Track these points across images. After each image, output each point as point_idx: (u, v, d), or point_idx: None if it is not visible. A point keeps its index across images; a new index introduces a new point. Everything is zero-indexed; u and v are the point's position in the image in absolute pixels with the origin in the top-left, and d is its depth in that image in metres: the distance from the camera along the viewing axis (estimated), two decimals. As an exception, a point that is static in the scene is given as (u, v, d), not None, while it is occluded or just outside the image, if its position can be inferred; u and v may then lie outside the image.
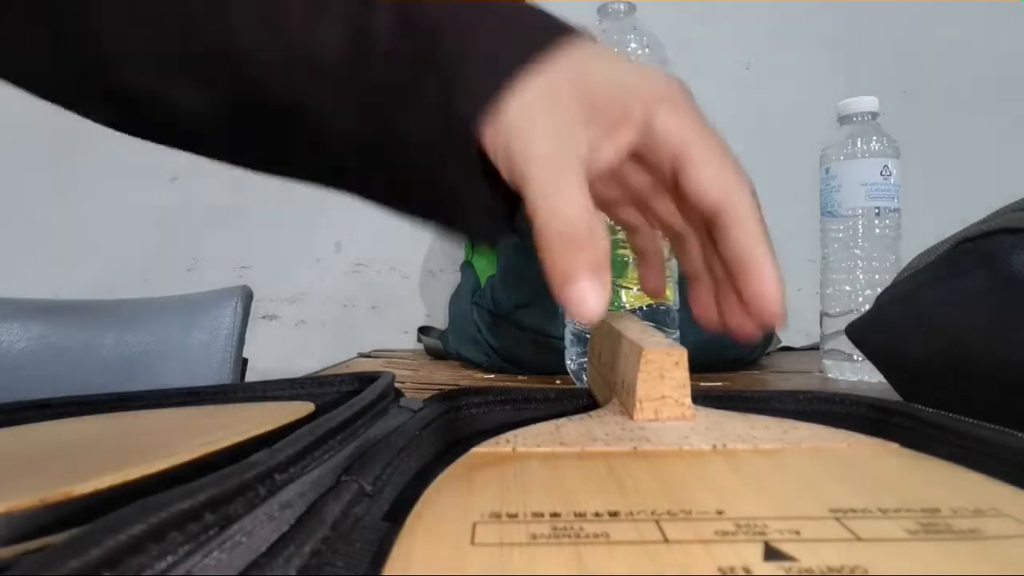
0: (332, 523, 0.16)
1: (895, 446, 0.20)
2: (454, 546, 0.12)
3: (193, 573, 0.13)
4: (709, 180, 0.25)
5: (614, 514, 0.13)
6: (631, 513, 0.13)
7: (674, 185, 0.26)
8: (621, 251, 0.49)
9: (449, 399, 0.30)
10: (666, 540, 0.12)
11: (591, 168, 0.25)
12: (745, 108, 1.06)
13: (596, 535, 0.12)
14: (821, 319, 0.62)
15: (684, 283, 0.58)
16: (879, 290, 0.42)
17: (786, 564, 0.10)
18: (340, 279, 1.09)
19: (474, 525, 0.13)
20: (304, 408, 0.29)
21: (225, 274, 1.09)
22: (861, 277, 0.58)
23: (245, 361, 0.74)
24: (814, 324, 0.64)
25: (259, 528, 0.15)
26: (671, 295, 0.50)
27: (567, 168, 0.24)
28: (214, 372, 0.70)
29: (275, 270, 1.10)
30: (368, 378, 0.34)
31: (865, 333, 0.41)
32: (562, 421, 0.22)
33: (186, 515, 0.13)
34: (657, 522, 0.13)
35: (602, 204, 0.31)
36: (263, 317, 1.10)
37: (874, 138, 0.58)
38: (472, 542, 0.12)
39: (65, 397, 0.36)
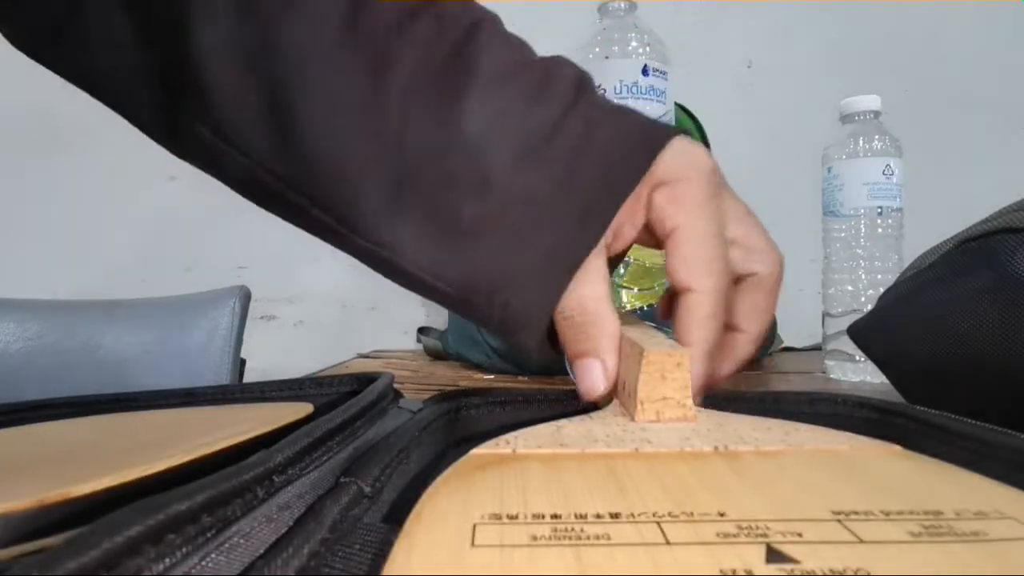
0: (331, 525, 0.16)
1: (898, 448, 0.19)
2: (454, 547, 0.12)
3: (191, 575, 0.12)
4: (680, 264, 0.27)
5: (615, 515, 0.13)
6: (632, 515, 0.13)
7: None
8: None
9: (449, 400, 0.29)
10: (668, 542, 0.12)
11: (614, 248, 0.28)
12: (747, 107, 1.06)
13: (597, 536, 0.12)
14: (823, 319, 0.62)
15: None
16: (881, 290, 0.42)
17: (788, 566, 0.10)
18: (339, 279, 1.09)
19: (474, 526, 0.13)
20: (303, 409, 0.28)
21: (223, 274, 1.09)
22: (863, 277, 0.58)
23: (243, 362, 0.74)
24: (816, 324, 0.63)
25: (257, 530, 0.15)
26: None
27: (585, 261, 0.26)
28: (212, 372, 0.70)
29: (273, 270, 1.10)
30: (367, 379, 0.34)
31: (867, 333, 0.41)
32: (563, 422, 0.22)
33: (184, 517, 0.13)
34: (658, 524, 0.13)
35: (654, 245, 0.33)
36: (261, 317, 1.10)
37: (876, 137, 0.57)
38: (472, 543, 0.12)
39: (63, 398, 0.36)
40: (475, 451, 0.19)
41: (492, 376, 0.66)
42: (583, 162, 0.26)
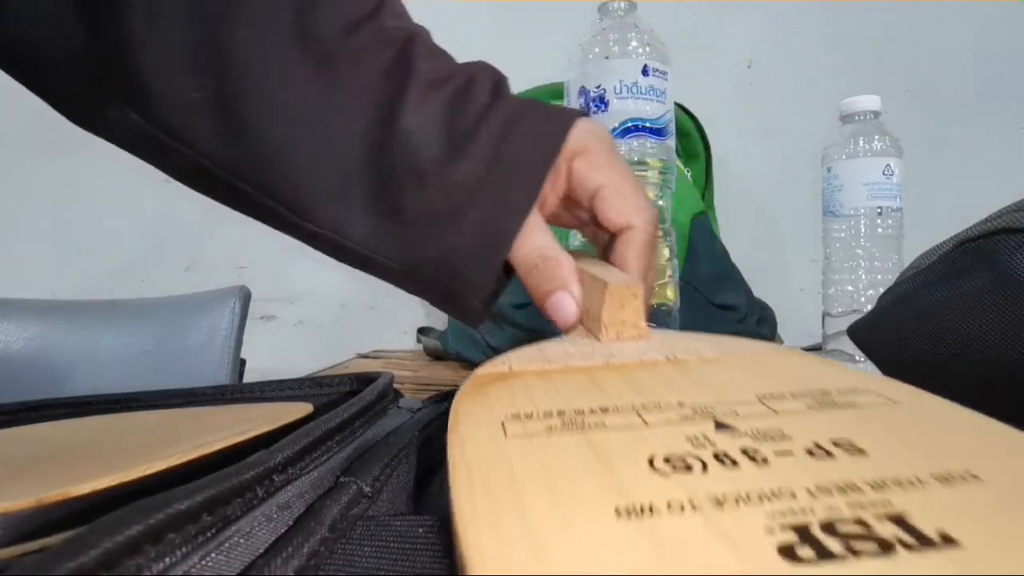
0: (330, 524, 0.16)
1: (799, 350, 0.25)
2: (493, 439, 0.16)
3: (191, 574, 0.12)
4: (614, 210, 0.32)
5: (604, 409, 0.17)
6: (616, 408, 0.17)
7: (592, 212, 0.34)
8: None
9: (448, 400, 0.29)
10: (646, 424, 0.16)
11: (543, 212, 0.33)
12: (747, 107, 1.06)
13: (595, 424, 0.16)
14: (823, 319, 0.62)
15: (685, 286, 0.58)
16: (881, 290, 0.42)
17: (730, 431, 0.15)
18: (338, 279, 1.09)
19: (502, 423, 0.17)
20: (302, 409, 0.28)
21: (223, 274, 1.09)
22: (863, 277, 0.58)
23: (243, 362, 0.74)
24: (816, 324, 0.63)
25: (257, 529, 0.15)
26: (672, 295, 0.50)
27: (531, 221, 0.31)
28: (212, 373, 0.70)
29: (273, 270, 1.10)
30: (367, 379, 0.34)
31: (867, 334, 0.41)
32: (543, 344, 0.27)
33: (184, 516, 0.13)
34: (637, 412, 0.17)
35: (571, 227, 0.38)
36: (261, 317, 1.10)
37: (876, 137, 0.57)
38: (505, 435, 0.16)
39: (63, 398, 0.36)
40: (478, 372, 0.22)
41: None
42: (505, 149, 0.31)
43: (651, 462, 0.14)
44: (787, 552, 0.10)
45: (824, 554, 0.10)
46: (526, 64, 0.86)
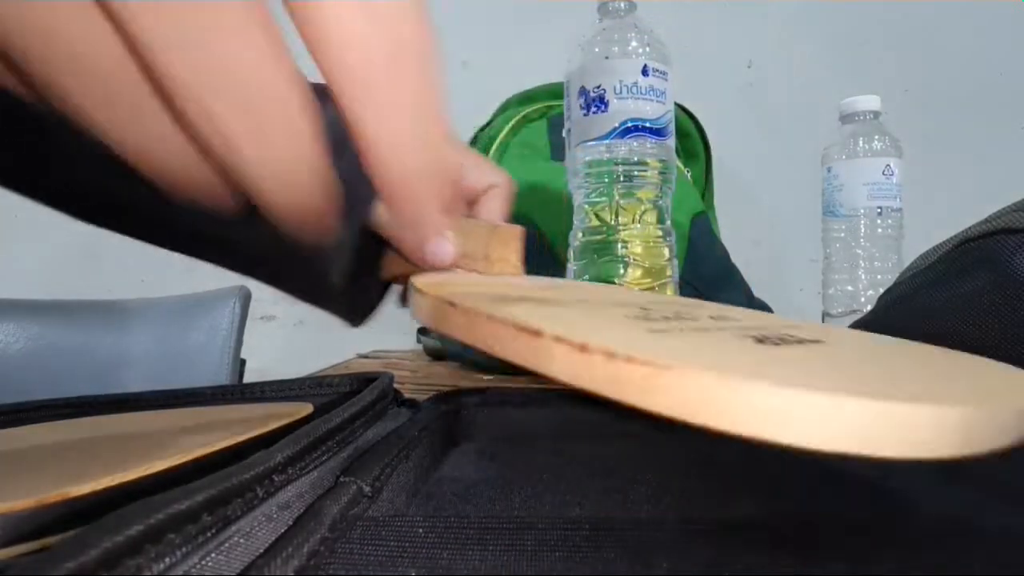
0: (330, 524, 0.16)
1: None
2: (498, 305, 0.17)
3: (191, 574, 0.12)
4: (475, 177, 0.38)
5: (559, 300, 0.20)
6: (567, 300, 0.20)
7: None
8: (622, 252, 0.49)
9: (448, 400, 0.30)
10: (596, 307, 0.19)
11: None
12: (747, 106, 1.06)
13: (562, 304, 0.19)
14: (823, 319, 0.62)
15: (685, 286, 0.58)
16: (881, 290, 0.42)
17: (659, 321, 0.18)
18: (339, 279, 1.09)
19: (494, 300, 0.18)
20: (302, 409, 0.28)
21: (223, 274, 1.09)
22: (863, 277, 0.58)
23: (243, 362, 0.74)
24: (815, 324, 0.63)
25: (257, 529, 0.15)
26: (671, 294, 0.50)
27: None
28: (212, 373, 0.70)
29: (274, 270, 1.10)
30: (367, 379, 0.34)
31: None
32: (442, 275, 0.28)
33: (183, 516, 0.13)
34: (583, 301, 0.20)
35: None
36: (261, 317, 1.10)
37: (876, 137, 0.57)
38: (503, 305, 0.17)
39: (63, 398, 0.36)
40: (420, 279, 0.23)
41: (492, 376, 0.66)
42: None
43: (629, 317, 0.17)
44: (760, 342, 0.15)
45: (774, 344, 0.15)
46: (526, 64, 0.86)
